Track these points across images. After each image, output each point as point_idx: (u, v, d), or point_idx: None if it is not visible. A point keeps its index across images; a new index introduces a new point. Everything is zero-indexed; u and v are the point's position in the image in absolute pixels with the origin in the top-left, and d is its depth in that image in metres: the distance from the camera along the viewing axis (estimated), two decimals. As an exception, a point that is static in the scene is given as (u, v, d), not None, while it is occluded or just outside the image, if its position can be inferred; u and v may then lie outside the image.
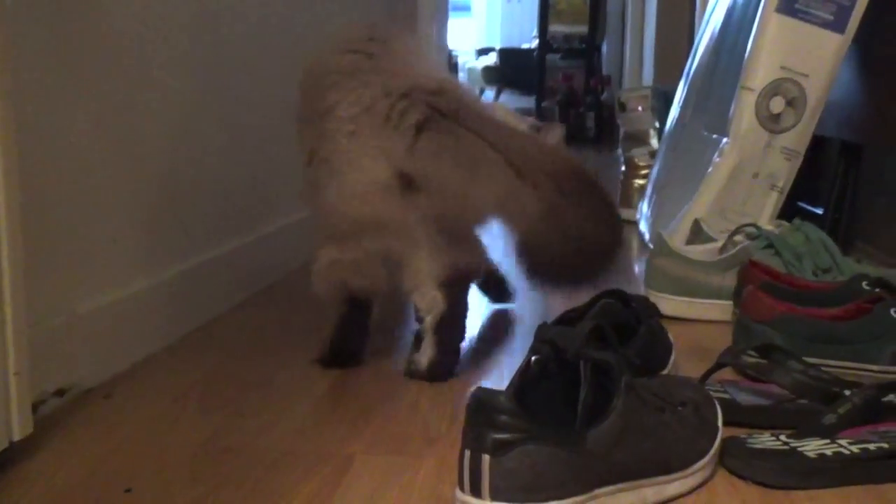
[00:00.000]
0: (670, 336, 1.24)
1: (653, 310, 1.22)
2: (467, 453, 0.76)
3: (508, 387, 0.81)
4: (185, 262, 1.39)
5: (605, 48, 6.10)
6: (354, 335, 1.26)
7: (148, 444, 0.98)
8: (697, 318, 1.49)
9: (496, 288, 1.56)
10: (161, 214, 1.33)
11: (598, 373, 0.83)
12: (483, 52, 6.73)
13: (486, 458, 0.75)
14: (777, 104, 1.74)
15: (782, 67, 1.73)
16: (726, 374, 1.16)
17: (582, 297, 1.18)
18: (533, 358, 0.86)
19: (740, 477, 0.91)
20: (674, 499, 0.86)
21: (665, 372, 1.17)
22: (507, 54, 6.50)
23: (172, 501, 0.85)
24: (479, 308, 1.59)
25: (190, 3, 1.39)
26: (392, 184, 1.13)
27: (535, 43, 6.09)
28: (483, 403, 0.77)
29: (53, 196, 1.08)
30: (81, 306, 1.13)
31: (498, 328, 1.49)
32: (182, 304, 1.36)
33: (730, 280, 1.46)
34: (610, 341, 0.93)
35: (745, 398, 1.08)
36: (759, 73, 1.75)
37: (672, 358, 1.20)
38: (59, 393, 1.07)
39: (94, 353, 1.14)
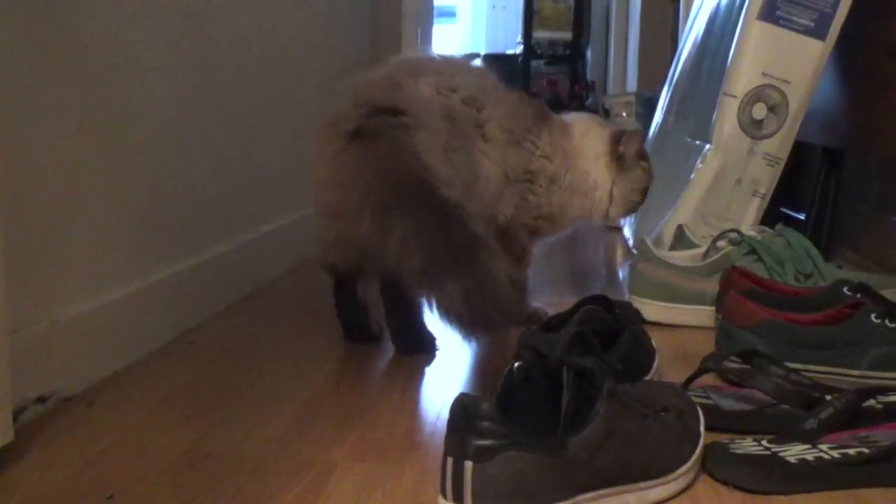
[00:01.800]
0: (653, 342, 1.24)
1: (636, 316, 1.23)
2: (450, 460, 0.76)
3: (491, 393, 0.82)
4: (169, 268, 1.38)
5: (589, 54, 6.12)
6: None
7: (130, 452, 0.98)
8: (681, 323, 1.50)
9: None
10: (144, 220, 1.32)
11: (580, 379, 0.83)
12: (468, 57, 6.74)
13: (468, 464, 0.75)
14: (759, 110, 1.75)
15: (764, 74, 1.75)
16: (709, 379, 1.16)
17: (567, 304, 1.19)
18: (516, 364, 0.87)
19: (722, 482, 0.91)
20: (656, 505, 0.87)
21: (648, 377, 1.17)
22: (491, 60, 6.50)
23: (153, 509, 0.85)
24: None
25: (177, 6, 1.39)
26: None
27: (519, 49, 6.10)
28: (466, 410, 0.77)
29: (34, 201, 1.07)
30: (63, 313, 1.12)
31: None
32: (165, 310, 1.36)
33: (713, 286, 1.47)
34: (592, 347, 0.93)
35: (727, 403, 1.09)
36: (742, 79, 1.76)
37: (655, 363, 1.20)
38: (41, 400, 1.07)
39: (75, 359, 1.13)
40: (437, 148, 1.25)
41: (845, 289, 1.32)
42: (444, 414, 0.82)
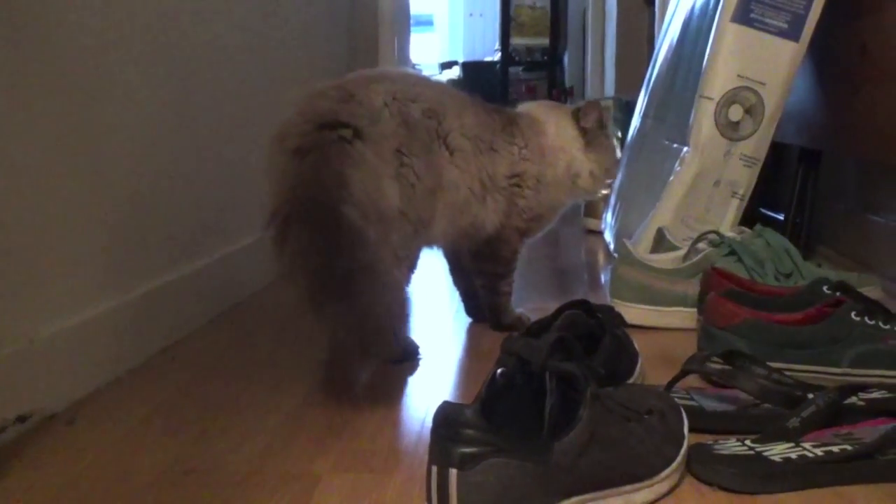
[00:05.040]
0: (636, 345, 1.25)
1: (618, 319, 1.23)
2: (434, 468, 0.76)
3: (475, 400, 0.82)
4: (148, 283, 1.37)
5: (566, 60, 6.14)
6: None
7: (112, 470, 0.97)
8: (663, 326, 1.50)
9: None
10: (122, 236, 1.31)
11: (563, 384, 0.83)
12: (446, 65, 6.76)
13: (453, 472, 0.75)
14: (735, 112, 1.76)
15: (739, 76, 1.76)
16: (692, 381, 1.16)
17: (549, 309, 1.19)
18: (499, 371, 0.86)
19: (707, 483, 0.91)
20: (642, 507, 0.87)
21: (631, 381, 1.18)
22: (470, 67, 6.53)
23: (137, 526, 0.84)
24: (444, 321, 1.59)
25: (152, 19, 1.39)
26: None
27: (497, 56, 6.13)
28: (449, 418, 0.77)
29: (10, 218, 1.06)
30: (42, 330, 1.11)
31: (466, 341, 1.49)
32: (145, 326, 1.35)
33: (693, 287, 1.47)
34: (575, 352, 0.93)
35: (710, 404, 1.09)
36: (717, 82, 1.77)
37: (638, 367, 1.21)
38: (21, 419, 1.06)
39: (55, 378, 1.12)
40: (378, 159, 1.22)
41: (825, 287, 1.33)
42: (429, 422, 0.81)
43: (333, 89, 1.28)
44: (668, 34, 2.28)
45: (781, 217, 2.15)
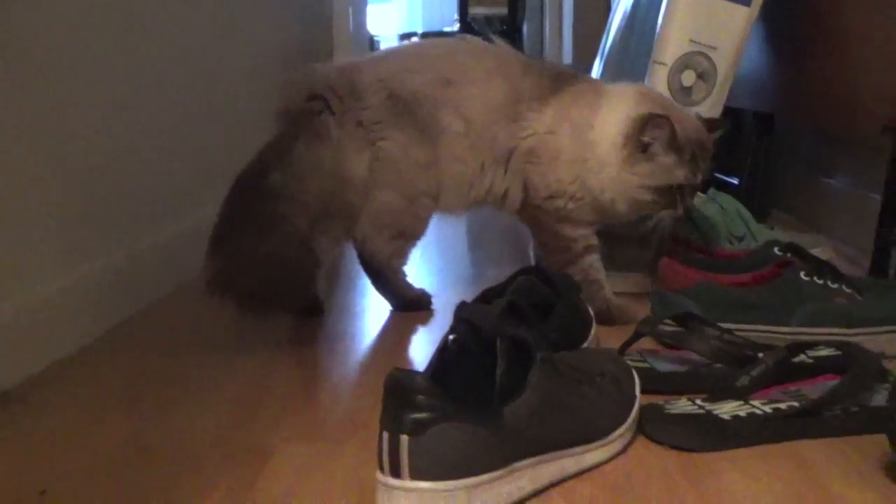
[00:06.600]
0: (591, 310, 1.25)
1: (573, 285, 1.24)
2: (385, 435, 0.76)
3: (426, 367, 0.82)
4: (101, 260, 1.36)
5: (525, 29, 6.13)
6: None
7: (65, 447, 0.96)
8: (618, 291, 1.51)
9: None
10: (74, 213, 1.29)
11: (515, 349, 0.83)
12: (405, 36, 6.71)
13: (404, 438, 0.75)
14: (688, 77, 1.77)
15: (691, 41, 1.76)
16: (647, 343, 1.18)
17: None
18: (451, 337, 0.87)
19: (658, 442, 0.93)
20: (594, 467, 0.87)
21: (585, 345, 1.18)
22: (429, 38, 6.48)
23: (89, 502, 0.83)
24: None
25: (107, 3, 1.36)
26: None
27: (456, 26, 6.09)
28: (400, 385, 0.77)
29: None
30: (-9, 309, 1.10)
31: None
32: (99, 303, 1.34)
33: (648, 252, 1.48)
34: (527, 317, 0.94)
35: (663, 366, 1.10)
36: (670, 47, 1.77)
37: (592, 331, 1.21)
38: (-29, 399, 1.05)
39: (8, 356, 1.11)
40: (343, 132, 1.33)
41: (776, 249, 1.35)
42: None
43: (337, 66, 1.41)
44: (622, 1, 2.28)
45: (736, 181, 2.17)
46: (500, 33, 6.22)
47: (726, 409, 0.95)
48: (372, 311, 1.48)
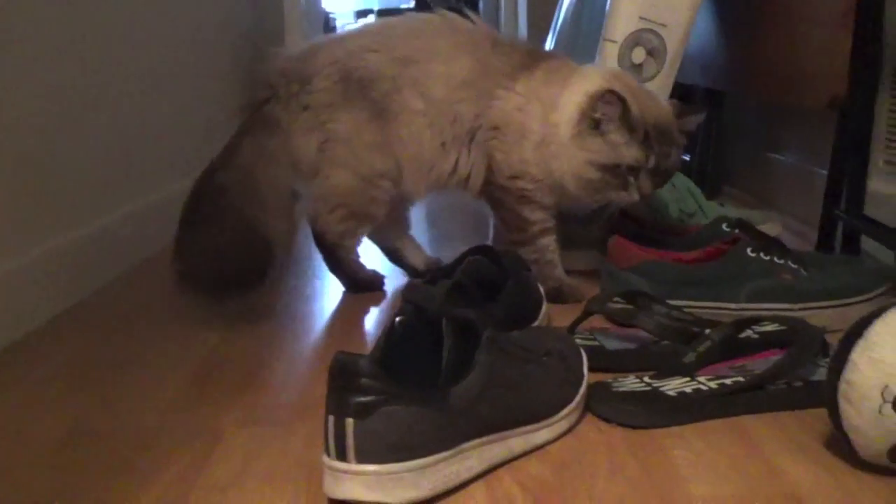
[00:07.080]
0: (541, 289, 1.26)
1: (522, 264, 1.24)
2: (331, 418, 0.76)
3: (373, 349, 0.81)
4: (47, 243, 1.33)
5: (481, 4, 6.10)
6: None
7: (10, 433, 0.95)
8: (570, 268, 1.52)
9: None
10: (19, 194, 1.27)
11: (461, 329, 0.83)
12: (361, 14, 6.66)
13: (349, 421, 0.75)
14: (638, 54, 1.77)
15: (641, 18, 1.76)
16: (597, 321, 1.18)
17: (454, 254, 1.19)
18: (397, 319, 0.86)
19: (605, 420, 0.94)
20: (542, 446, 0.88)
21: (536, 324, 1.19)
22: (385, 14, 6.44)
23: (31, 490, 0.82)
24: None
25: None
26: None
27: (412, 2, 6.05)
28: (344, 368, 0.76)
29: None
30: (-70, 297, 1.07)
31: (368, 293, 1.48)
32: (45, 287, 1.31)
33: (598, 230, 1.49)
34: (473, 297, 0.94)
35: (612, 344, 1.11)
36: (620, 24, 1.77)
37: (543, 310, 1.22)
38: (-89, 389, 1.02)
39: (-52, 344, 1.09)
40: (290, 117, 1.35)
41: (724, 226, 1.36)
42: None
43: (300, 51, 1.41)
44: (575, -23, 2.28)
45: (687, 158, 2.19)
46: (453, 9, 6.20)
47: (673, 385, 0.96)
48: (325, 294, 1.47)
